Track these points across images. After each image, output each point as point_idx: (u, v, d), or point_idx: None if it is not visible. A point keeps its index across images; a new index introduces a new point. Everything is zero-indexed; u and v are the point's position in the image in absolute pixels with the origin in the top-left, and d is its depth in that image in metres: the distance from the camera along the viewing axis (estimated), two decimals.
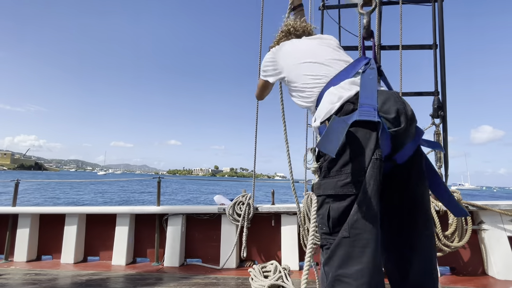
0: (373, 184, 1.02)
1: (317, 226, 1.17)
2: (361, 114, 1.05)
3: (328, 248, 1.07)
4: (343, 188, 1.04)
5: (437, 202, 2.60)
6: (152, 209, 3.08)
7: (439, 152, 2.92)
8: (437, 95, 3.01)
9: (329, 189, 1.09)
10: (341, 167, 1.07)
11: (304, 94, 1.34)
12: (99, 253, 3.19)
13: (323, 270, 1.09)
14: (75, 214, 3.13)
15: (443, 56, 3.01)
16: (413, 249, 1.14)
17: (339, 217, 1.05)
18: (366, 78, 1.15)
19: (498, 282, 2.43)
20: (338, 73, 1.25)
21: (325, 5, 3.33)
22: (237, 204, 2.91)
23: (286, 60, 1.47)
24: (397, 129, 1.06)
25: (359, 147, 1.05)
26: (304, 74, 1.34)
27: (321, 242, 1.14)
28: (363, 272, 0.98)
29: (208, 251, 3.03)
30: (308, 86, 1.32)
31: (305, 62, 1.37)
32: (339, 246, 1.03)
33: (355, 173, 1.03)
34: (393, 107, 1.09)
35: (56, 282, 2.44)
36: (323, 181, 1.12)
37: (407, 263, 1.15)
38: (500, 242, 2.57)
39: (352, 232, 1.01)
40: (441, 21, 3.05)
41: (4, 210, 3.25)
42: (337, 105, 1.13)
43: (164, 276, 2.59)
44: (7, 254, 3.15)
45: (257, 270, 2.38)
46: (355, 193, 1.03)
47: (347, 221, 1.02)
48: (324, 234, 1.11)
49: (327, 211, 1.08)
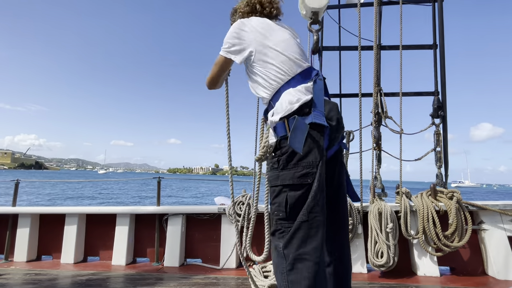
0: (323, 175, 1.25)
1: (272, 214, 1.31)
2: (315, 118, 1.27)
3: (283, 232, 1.25)
4: (300, 179, 1.23)
5: (437, 202, 2.61)
6: (152, 209, 3.08)
7: (439, 152, 2.92)
8: (437, 95, 3.00)
9: (287, 180, 1.25)
10: (298, 161, 1.25)
11: (263, 83, 1.42)
12: (99, 253, 3.19)
13: (283, 254, 1.22)
14: (75, 214, 3.13)
15: (443, 56, 3.01)
16: (334, 224, 1.41)
17: (295, 203, 1.23)
18: (317, 88, 1.36)
19: (498, 282, 2.43)
20: (296, 76, 1.39)
21: None
22: (237, 204, 2.91)
23: (255, 34, 1.42)
24: (335, 134, 1.35)
25: (313, 144, 1.25)
26: (269, 62, 1.39)
27: (275, 227, 1.29)
28: (317, 248, 1.19)
29: (208, 251, 3.03)
30: (269, 77, 1.39)
31: (275, 49, 1.40)
32: (298, 229, 1.21)
33: (310, 166, 1.24)
34: (335, 116, 1.34)
35: (56, 282, 2.44)
36: (281, 173, 1.27)
37: (330, 239, 1.38)
38: (500, 242, 2.57)
39: (310, 216, 1.21)
40: (441, 21, 3.04)
41: (4, 210, 3.25)
42: (295, 106, 1.29)
43: (164, 276, 2.59)
44: (7, 254, 3.16)
45: (257, 270, 2.38)
46: (309, 183, 1.23)
47: (305, 207, 1.21)
48: (280, 219, 1.26)
49: (285, 199, 1.24)
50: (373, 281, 2.45)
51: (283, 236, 1.24)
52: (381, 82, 3.02)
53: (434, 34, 3.08)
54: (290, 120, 1.28)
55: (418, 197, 2.71)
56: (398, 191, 2.78)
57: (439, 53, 3.03)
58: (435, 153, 2.93)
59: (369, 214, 2.65)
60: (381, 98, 2.97)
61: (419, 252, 2.62)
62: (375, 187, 2.91)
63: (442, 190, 2.66)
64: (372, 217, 2.60)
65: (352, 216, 2.67)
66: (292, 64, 1.40)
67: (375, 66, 3.02)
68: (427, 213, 2.52)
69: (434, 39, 3.07)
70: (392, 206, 2.66)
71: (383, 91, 2.98)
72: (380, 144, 2.97)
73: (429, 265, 2.57)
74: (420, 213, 2.53)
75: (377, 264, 2.48)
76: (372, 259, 2.52)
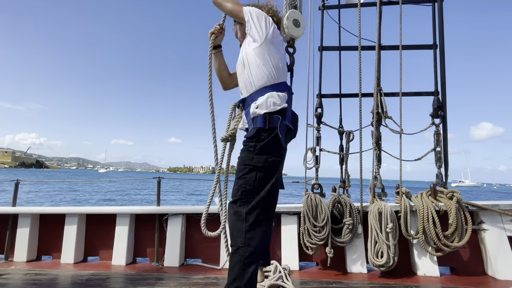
0: (283, 163, 1.76)
1: (239, 186, 1.66)
2: (288, 122, 1.74)
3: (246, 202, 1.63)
4: (270, 164, 1.65)
5: (437, 202, 2.61)
6: (152, 209, 3.08)
7: (439, 152, 2.92)
8: (437, 95, 3.00)
9: (260, 163, 1.64)
10: (271, 150, 1.66)
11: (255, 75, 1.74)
12: (99, 253, 3.19)
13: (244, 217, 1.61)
14: (75, 214, 3.13)
15: (443, 56, 3.01)
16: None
17: (261, 181, 1.64)
18: (289, 100, 1.78)
19: (498, 282, 2.43)
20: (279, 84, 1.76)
21: (325, 5, 3.32)
22: None
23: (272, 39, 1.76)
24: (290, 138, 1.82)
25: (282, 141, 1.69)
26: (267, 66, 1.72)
27: (238, 197, 1.65)
28: (269, 217, 1.73)
29: (208, 251, 3.03)
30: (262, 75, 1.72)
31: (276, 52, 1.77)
32: (260, 201, 1.63)
33: (278, 156, 1.69)
34: (296, 124, 1.85)
35: (56, 282, 2.45)
36: (256, 156, 1.64)
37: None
38: (500, 242, 2.57)
39: (269, 193, 1.65)
40: (441, 21, 3.04)
41: (4, 210, 3.25)
42: (277, 108, 1.69)
43: (164, 276, 2.60)
44: (7, 254, 3.16)
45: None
46: (274, 169, 1.67)
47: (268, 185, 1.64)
48: (246, 191, 1.64)
49: (254, 177, 1.63)
50: (373, 281, 2.45)
51: (245, 204, 1.62)
52: (381, 82, 3.02)
53: (434, 34, 3.07)
54: (273, 118, 1.67)
55: (418, 197, 2.71)
56: (398, 191, 2.78)
57: (439, 53, 3.03)
58: (435, 153, 2.93)
59: (369, 214, 2.65)
60: (381, 98, 2.96)
61: (419, 252, 2.62)
62: (375, 187, 2.91)
63: (442, 190, 2.66)
64: (372, 217, 2.60)
65: (352, 216, 2.67)
66: (280, 72, 1.77)
67: (376, 66, 3.01)
68: (427, 213, 2.52)
69: (434, 39, 3.07)
70: (392, 206, 2.66)
71: (383, 91, 2.98)
72: (380, 144, 2.97)
73: (429, 265, 2.57)
74: (420, 213, 2.53)
75: (377, 264, 2.48)
76: (372, 259, 2.52)
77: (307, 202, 2.70)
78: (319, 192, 2.87)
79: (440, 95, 2.99)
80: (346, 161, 3.24)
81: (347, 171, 3.22)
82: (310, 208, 2.68)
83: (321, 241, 2.62)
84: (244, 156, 1.68)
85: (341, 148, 3.31)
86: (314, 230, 2.64)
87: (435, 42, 3.06)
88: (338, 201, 2.76)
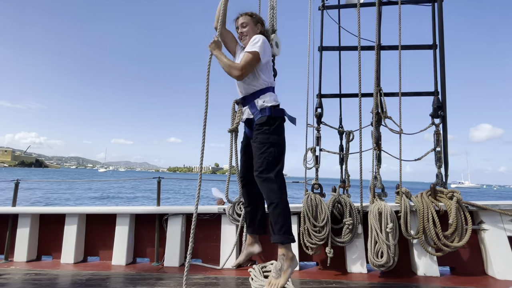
0: None
1: (264, 159, 2.17)
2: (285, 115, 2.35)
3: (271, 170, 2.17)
4: (282, 141, 2.28)
5: (437, 202, 2.61)
6: (152, 209, 3.08)
7: (439, 152, 2.92)
8: (437, 95, 3.00)
9: (275, 140, 2.22)
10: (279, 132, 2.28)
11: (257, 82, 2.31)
12: (99, 253, 3.19)
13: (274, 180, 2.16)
14: (75, 214, 3.13)
15: (442, 56, 3.01)
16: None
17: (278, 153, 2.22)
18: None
19: (498, 282, 2.43)
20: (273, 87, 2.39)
21: (324, 5, 3.32)
22: (237, 204, 2.91)
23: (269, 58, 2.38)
24: None
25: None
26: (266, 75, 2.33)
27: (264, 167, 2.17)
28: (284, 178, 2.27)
29: (208, 251, 3.02)
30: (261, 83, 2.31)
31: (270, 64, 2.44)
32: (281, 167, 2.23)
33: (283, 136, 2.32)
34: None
35: (56, 282, 2.45)
36: (271, 136, 2.21)
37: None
38: (500, 242, 2.57)
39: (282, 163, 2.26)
40: (441, 21, 3.04)
41: (4, 210, 3.25)
42: (278, 103, 2.31)
43: (164, 276, 2.59)
44: (7, 254, 3.16)
45: (257, 270, 2.38)
46: (284, 145, 2.30)
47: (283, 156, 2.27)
48: (269, 162, 2.18)
49: (274, 151, 2.19)
50: (373, 281, 2.45)
51: (271, 171, 2.15)
52: (380, 82, 3.02)
53: (434, 34, 3.07)
54: (276, 109, 2.27)
55: (418, 197, 2.71)
56: (398, 191, 2.78)
57: (439, 53, 3.03)
58: (435, 153, 2.92)
59: (369, 214, 2.65)
60: (381, 98, 2.97)
61: (419, 252, 2.62)
62: (375, 187, 2.91)
63: (442, 190, 2.66)
64: (372, 217, 2.60)
65: (352, 216, 2.67)
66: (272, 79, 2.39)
67: (376, 66, 3.02)
68: (427, 213, 2.52)
69: (434, 39, 3.07)
70: (392, 206, 2.66)
71: (383, 91, 2.98)
72: (380, 144, 2.97)
73: (429, 265, 2.57)
74: (420, 213, 2.53)
75: (377, 264, 2.48)
76: (372, 259, 2.52)
77: (307, 202, 2.70)
78: (319, 192, 2.87)
79: (440, 95, 2.99)
80: (346, 161, 3.23)
81: (347, 171, 3.22)
82: (310, 208, 2.68)
83: (321, 241, 2.62)
84: (261, 137, 2.21)
85: (341, 148, 3.31)
86: (314, 230, 2.64)
87: (435, 42, 3.07)
88: (338, 201, 2.76)
